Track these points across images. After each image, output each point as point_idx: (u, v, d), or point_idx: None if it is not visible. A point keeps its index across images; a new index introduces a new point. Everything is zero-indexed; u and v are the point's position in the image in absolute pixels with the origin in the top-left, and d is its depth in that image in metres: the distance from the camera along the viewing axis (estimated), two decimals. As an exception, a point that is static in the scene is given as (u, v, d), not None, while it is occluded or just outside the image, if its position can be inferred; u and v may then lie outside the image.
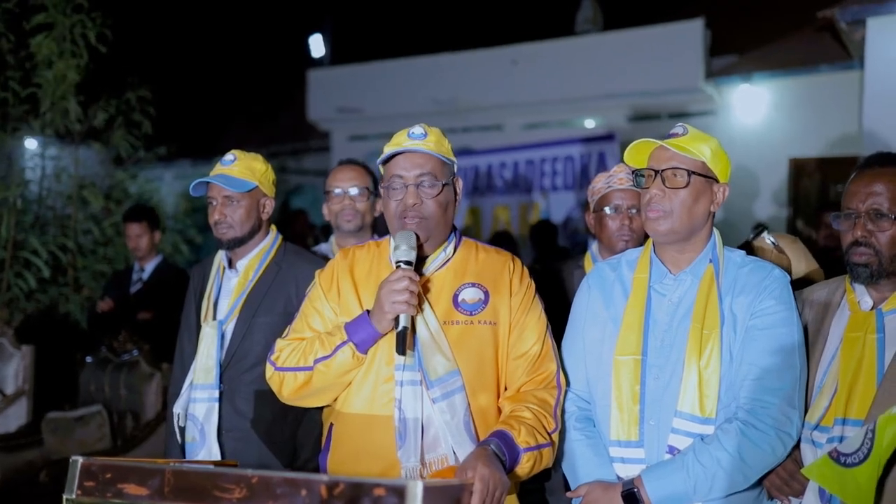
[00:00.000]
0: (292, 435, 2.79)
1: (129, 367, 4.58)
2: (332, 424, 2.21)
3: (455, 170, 2.25)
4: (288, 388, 2.17)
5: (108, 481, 1.67)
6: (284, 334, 2.27)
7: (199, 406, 2.76)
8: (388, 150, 2.17)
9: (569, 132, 9.63)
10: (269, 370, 2.22)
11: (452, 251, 2.24)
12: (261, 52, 15.13)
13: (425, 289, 2.16)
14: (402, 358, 2.07)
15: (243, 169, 2.85)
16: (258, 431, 2.76)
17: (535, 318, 2.23)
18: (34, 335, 5.44)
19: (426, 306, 2.13)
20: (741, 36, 10.28)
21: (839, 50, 8.21)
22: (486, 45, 11.01)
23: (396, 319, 2.03)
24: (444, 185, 2.17)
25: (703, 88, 9.66)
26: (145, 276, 5.19)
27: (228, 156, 2.89)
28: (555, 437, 2.14)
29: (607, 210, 2.92)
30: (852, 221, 2.05)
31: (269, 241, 2.94)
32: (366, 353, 2.11)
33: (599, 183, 2.98)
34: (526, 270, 2.29)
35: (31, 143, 7.43)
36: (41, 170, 6.97)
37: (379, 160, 2.21)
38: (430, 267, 2.20)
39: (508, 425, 2.07)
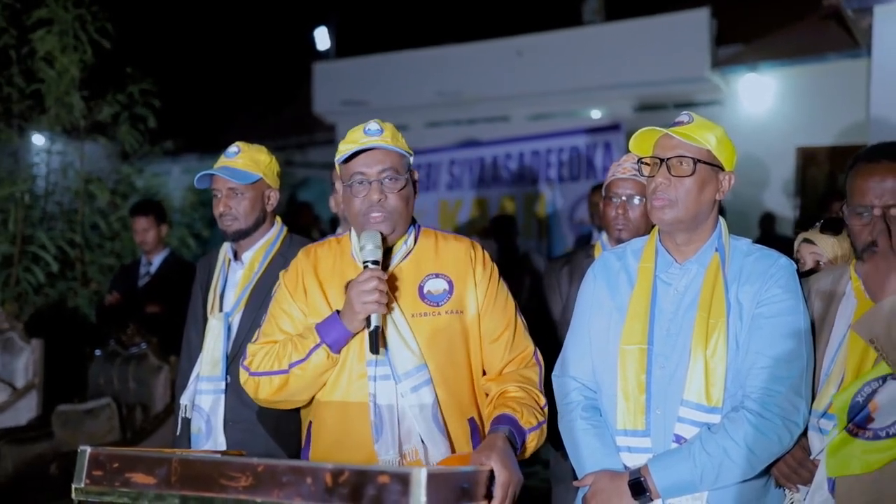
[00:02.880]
0: (298, 427, 2.80)
1: (137, 360, 4.61)
2: (310, 422, 2.24)
3: (411, 163, 2.26)
4: (264, 392, 2.19)
5: (116, 471, 1.68)
6: (255, 338, 2.28)
7: (205, 398, 2.77)
8: (348, 147, 2.17)
9: (574, 123, 9.62)
10: (244, 375, 2.23)
11: (413, 242, 2.26)
12: (266, 46, 15.14)
13: (390, 283, 2.16)
14: (374, 354, 2.10)
15: (247, 161, 2.86)
16: (264, 424, 2.76)
17: (504, 301, 2.27)
18: (43, 329, 5.47)
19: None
20: (747, 25, 10.24)
21: (846, 38, 8.16)
22: (492, 37, 11.00)
23: (368, 319, 2.06)
24: (406, 180, 2.19)
25: (709, 78, 9.64)
26: (153, 269, 5.21)
27: (232, 148, 2.90)
28: (545, 411, 2.19)
29: (608, 199, 2.95)
30: (868, 219, 1.98)
31: (275, 233, 2.95)
32: (339, 352, 2.13)
33: (609, 172, 3.02)
34: (487, 255, 2.31)
35: (37, 139, 7.45)
36: (47, 165, 6.99)
37: (338, 159, 2.21)
38: (392, 260, 2.22)
39: (510, 408, 2.10)
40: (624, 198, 2.91)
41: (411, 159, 2.24)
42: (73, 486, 1.74)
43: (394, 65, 11.64)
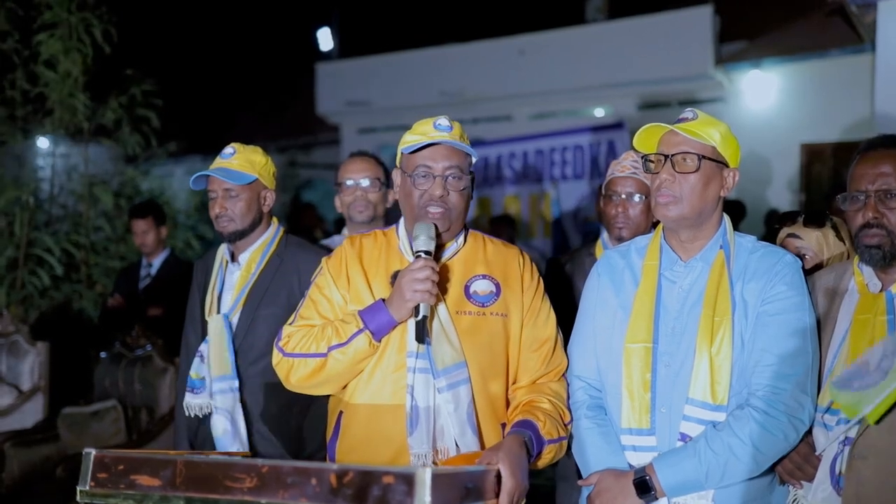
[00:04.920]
0: (298, 426, 2.79)
1: (142, 362, 4.61)
2: (340, 412, 2.20)
3: (473, 163, 2.24)
4: (297, 374, 2.15)
5: (121, 473, 1.69)
6: (291, 320, 2.25)
7: (221, 398, 2.76)
8: (418, 140, 2.16)
9: (578, 121, 9.61)
10: (277, 356, 2.19)
11: (463, 241, 2.26)
12: (269, 47, 15.14)
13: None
14: (414, 345, 2.08)
15: (243, 162, 2.86)
16: (264, 423, 2.76)
17: (547, 312, 2.27)
18: (49, 332, 5.48)
19: None
20: (750, 21, 10.22)
21: (850, 33, 8.14)
22: (494, 36, 10.99)
23: (416, 308, 2.04)
24: (468, 180, 2.19)
25: (712, 75, 9.62)
26: (153, 270, 5.21)
27: (228, 149, 2.89)
28: (570, 427, 2.19)
29: (608, 197, 2.96)
30: (861, 203, 2.03)
31: (271, 234, 2.94)
32: (380, 341, 2.11)
33: (608, 170, 3.02)
34: (534, 265, 2.32)
35: (41, 143, 7.46)
36: (52, 168, 7.01)
37: (404, 149, 2.19)
38: (442, 256, 2.21)
39: (534, 416, 2.10)
40: (624, 196, 2.92)
41: (474, 160, 2.22)
42: (78, 489, 1.74)
43: (396, 65, 11.64)
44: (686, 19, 9.73)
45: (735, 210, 7.21)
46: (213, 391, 2.79)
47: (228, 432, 2.75)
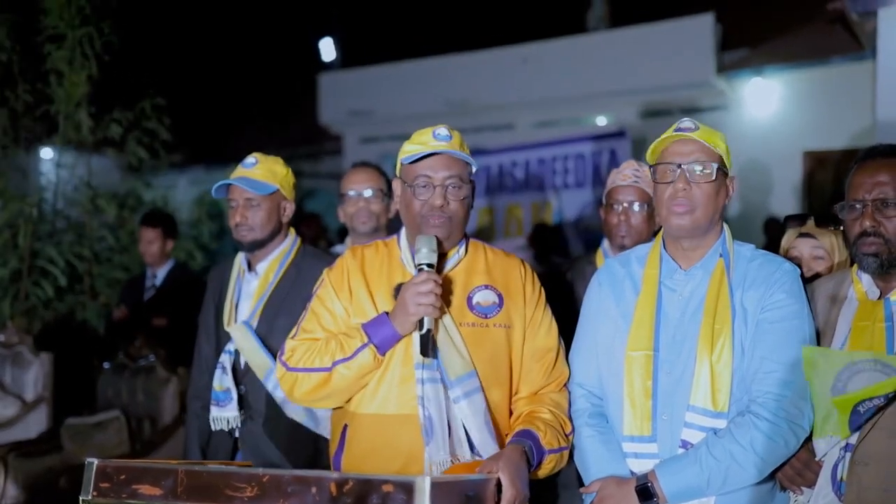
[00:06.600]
0: (313, 437, 2.79)
1: (145, 373, 4.62)
2: (345, 425, 2.19)
3: (473, 172, 2.24)
4: (301, 388, 2.15)
5: (123, 482, 1.69)
6: (293, 334, 2.25)
7: (279, 393, 2.75)
8: (417, 149, 2.16)
9: (580, 130, 9.62)
10: (281, 370, 2.20)
11: (464, 251, 2.26)
12: (272, 57, 15.17)
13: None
14: (421, 357, 2.08)
15: (265, 171, 2.88)
16: (278, 433, 2.76)
17: (549, 323, 2.27)
18: (52, 343, 5.48)
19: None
20: (752, 29, 10.23)
21: (851, 41, 8.15)
22: (497, 45, 11.02)
23: (420, 322, 2.04)
24: (468, 189, 2.19)
25: (714, 83, 9.63)
26: (158, 281, 5.21)
27: (250, 158, 2.92)
28: (571, 438, 2.19)
29: (609, 206, 2.97)
30: (859, 212, 2.05)
31: (289, 244, 2.96)
32: (384, 354, 2.10)
33: (609, 179, 3.02)
34: (535, 275, 2.32)
35: (45, 154, 7.48)
36: (56, 180, 7.02)
37: (404, 159, 2.19)
38: (444, 267, 2.21)
39: (535, 426, 2.10)
40: (626, 205, 2.93)
41: (474, 169, 2.22)
42: (81, 499, 1.75)
43: (399, 74, 11.67)
44: (688, 27, 9.75)
45: None
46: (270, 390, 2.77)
47: (305, 416, 2.73)
